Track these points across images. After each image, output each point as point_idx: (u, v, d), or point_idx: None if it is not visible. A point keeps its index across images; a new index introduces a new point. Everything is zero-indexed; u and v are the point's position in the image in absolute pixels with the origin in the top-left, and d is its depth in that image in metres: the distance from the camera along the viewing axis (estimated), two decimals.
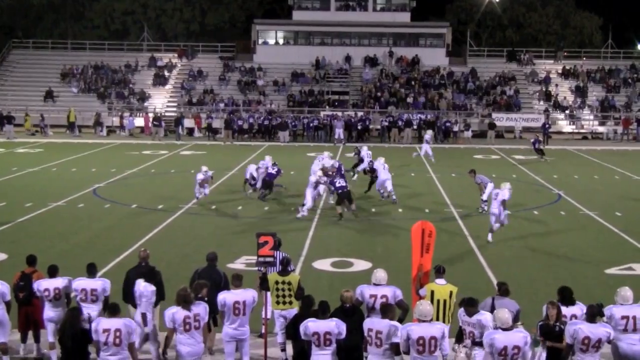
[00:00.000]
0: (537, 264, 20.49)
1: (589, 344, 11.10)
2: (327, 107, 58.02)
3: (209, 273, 13.87)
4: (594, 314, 11.36)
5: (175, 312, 11.87)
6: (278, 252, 14.45)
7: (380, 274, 12.97)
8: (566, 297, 12.17)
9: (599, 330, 11.20)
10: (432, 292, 12.77)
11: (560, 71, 65.11)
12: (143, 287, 13.25)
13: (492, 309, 11.85)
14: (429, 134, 42.79)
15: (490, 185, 25.77)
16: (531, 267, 20.24)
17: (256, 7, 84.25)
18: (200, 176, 28.02)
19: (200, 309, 11.98)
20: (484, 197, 26.38)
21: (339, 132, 51.29)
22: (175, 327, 11.91)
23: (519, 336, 10.75)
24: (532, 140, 38.14)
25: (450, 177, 35.19)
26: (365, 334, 11.31)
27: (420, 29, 67.27)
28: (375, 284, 12.84)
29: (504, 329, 10.78)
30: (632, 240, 23.42)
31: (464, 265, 19.83)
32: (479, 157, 44.09)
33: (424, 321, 11.02)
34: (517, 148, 47.85)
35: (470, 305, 11.70)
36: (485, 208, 26.27)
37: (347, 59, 64.49)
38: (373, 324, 11.33)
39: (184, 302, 11.89)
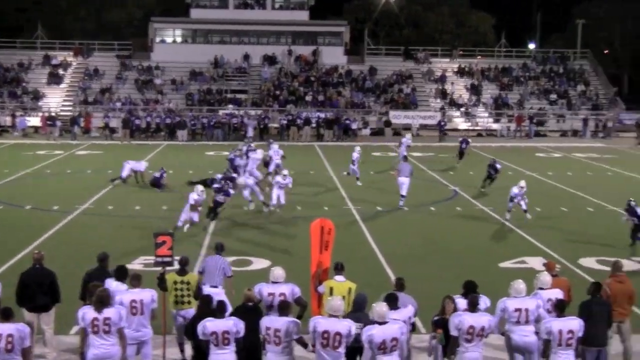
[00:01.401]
0: (434, 259, 20.85)
1: (473, 332, 11.35)
2: (228, 105, 57.73)
3: (100, 274, 13.62)
4: (474, 304, 11.67)
5: (85, 312, 11.51)
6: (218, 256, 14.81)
7: (277, 272, 12.98)
8: (470, 290, 12.41)
9: (481, 319, 11.48)
10: (331, 289, 12.87)
11: (455, 70, 66.32)
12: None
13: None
14: (407, 137, 40.89)
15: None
16: (429, 262, 20.60)
17: (154, 5, 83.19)
18: (194, 197, 23.94)
19: (112, 312, 11.52)
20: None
21: (250, 130, 51.06)
22: (84, 327, 11.54)
23: (395, 328, 10.90)
24: (460, 140, 38.36)
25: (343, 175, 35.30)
26: (264, 332, 11.31)
27: (319, 28, 67.52)
28: (273, 282, 12.84)
29: (380, 323, 10.91)
30: (525, 234, 24.07)
31: (362, 262, 20.02)
32: (377, 154, 44.55)
33: (333, 316, 11.10)
34: (415, 145, 48.47)
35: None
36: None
37: (246, 57, 64.29)
38: (271, 322, 11.34)
39: (99, 303, 11.46)
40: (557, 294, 12.70)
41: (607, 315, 12.32)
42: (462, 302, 12.11)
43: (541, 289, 12.79)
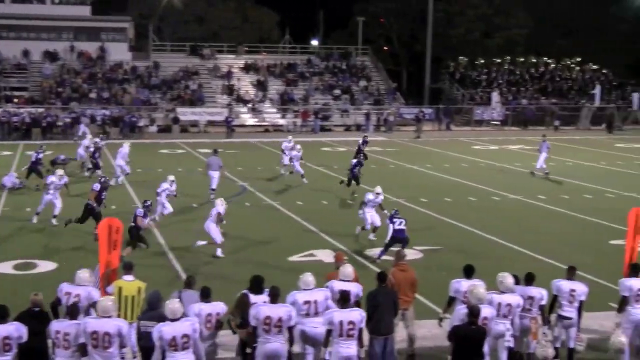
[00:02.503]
0: (226, 255, 20.90)
1: (270, 323, 11.58)
2: (72, 103, 55.39)
3: None
4: (275, 295, 11.92)
5: None
6: None
7: (80, 275, 12.70)
8: (255, 286, 12.53)
9: (279, 310, 11.72)
10: (120, 289, 12.72)
11: (241, 66, 66.71)
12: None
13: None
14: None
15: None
16: (222, 258, 20.65)
17: None
18: (165, 186, 24.32)
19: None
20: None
21: (83, 128, 48.78)
22: None
23: (186, 325, 10.97)
24: (360, 141, 37.82)
25: (137, 172, 34.69)
26: (53, 336, 11.03)
27: (102, 23, 65.93)
28: (77, 285, 12.58)
29: (172, 320, 10.95)
30: (313, 227, 24.60)
31: (152, 261, 19.81)
32: (165, 151, 44.15)
33: (104, 317, 10.96)
34: (202, 142, 48.42)
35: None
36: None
37: (26, 53, 61.79)
38: (60, 326, 11.07)
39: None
40: (355, 287, 13.02)
41: (394, 303, 12.78)
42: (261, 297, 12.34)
43: (342, 280, 13.08)
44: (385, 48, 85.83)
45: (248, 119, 60.25)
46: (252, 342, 11.80)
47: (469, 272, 13.24)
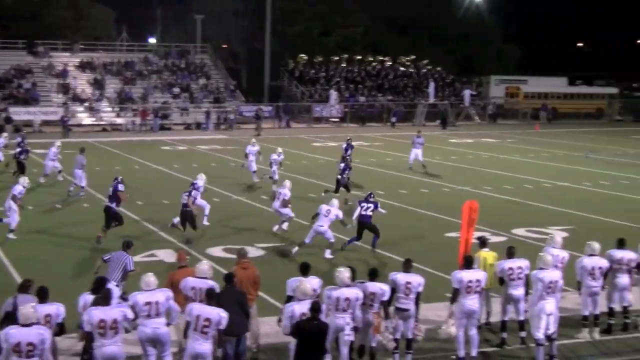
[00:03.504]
0: (65, 260, 20.41)
1: (105, 327, 11.45)
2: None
3: None
4: (106, 297, 11.78)
5: None
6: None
7: None
8: (100, 286, 12.38)
9: (112, 311, 11.60)
10: None
11: (77, 64, 65.09)
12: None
13: (14, 307, 11.62)
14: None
15: None
16: (58, 264, 20.15)
17: None
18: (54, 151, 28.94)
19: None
20: None
21: None
22: None
23: (34, 332, 10.65)
24: (344, 146, 36.06)
25: None
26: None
27: None
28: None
29: (24, 325, 10.65)
30: (154, 228, 24.34)
31: None
32: None
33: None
34: (38, 142, 46.95)
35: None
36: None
37: None
38: None
39: None
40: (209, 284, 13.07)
41: (239, 303, 12.73)
42: (89, 298, 12.21)
43: (205, 278, 13.20)
44: (224, 46, 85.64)
45: (85, 118, 58.82)
46: (89, 347, 11.58)
47: (304, 270, 13.44)
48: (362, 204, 21.30)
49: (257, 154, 33.02)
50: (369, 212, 20.81)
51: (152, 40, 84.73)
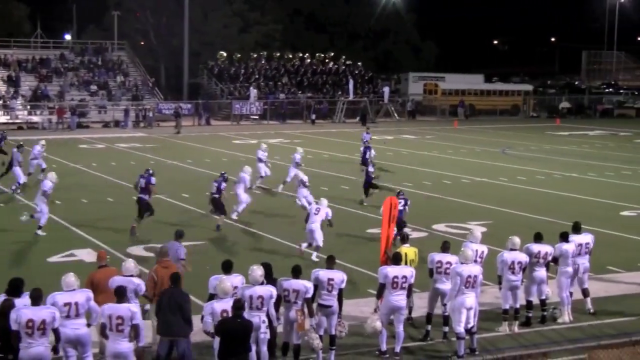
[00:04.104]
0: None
1: (33, 327, 11.32)
2: None
3: None
4: (36, 298, 11.64)
5: None
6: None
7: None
8: (13, 289, 12.12)
9: (41, 312, 11.46)
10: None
11: None
12: None
13: None
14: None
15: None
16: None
17: None
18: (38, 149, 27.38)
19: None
20: None
21: None
22: None
23: None
24: (362, 149, 35.13)
25: None
26: None
27: None
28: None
29: None
30: (73, 227, 23.98)
31: None
32: None
33: None
34: None
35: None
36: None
37: None
38: None
39: None
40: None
41: (178, 305, 12.62)
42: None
43: (131, 276, 13.29)
44: (142, 43, 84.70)
45: None
46: (15, 347, 11.40)
47: (227, 267, 13.40)
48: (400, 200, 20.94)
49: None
50: (399, 208, 20.52)
51: (68, 37, 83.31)
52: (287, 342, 13.47)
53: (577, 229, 16.92)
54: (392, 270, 14.05)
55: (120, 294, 12.11)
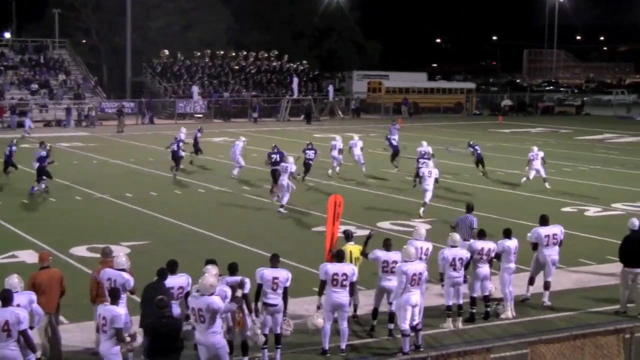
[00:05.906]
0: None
1: None
2: None
3: None
4: (5, 299, 11.51)
5: None
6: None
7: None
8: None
9: (5, 313, 11.33)
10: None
11: None
12: None
13: None
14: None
15: None
16: None
17: None
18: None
19: None
20: None
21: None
22: None
23: None
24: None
25: None
26: None
27: None
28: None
29: None
30: (13, 228, 23.64)
31: None
32: None
33: None
34: None
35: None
36: None
37: None
38: None
39: None
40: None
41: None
42: None
43: (123, 270, 13.39)
44: (83, 41, 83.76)
45: None
46: None
47: (172, 268, 13.36)
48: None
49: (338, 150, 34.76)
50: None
51: (7, 35, 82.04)
52: (231, 340, 13.39)
53: (545, 221, 17.19)
54: (332, 267, 14.11)
55: (114, 296, 12.03)
